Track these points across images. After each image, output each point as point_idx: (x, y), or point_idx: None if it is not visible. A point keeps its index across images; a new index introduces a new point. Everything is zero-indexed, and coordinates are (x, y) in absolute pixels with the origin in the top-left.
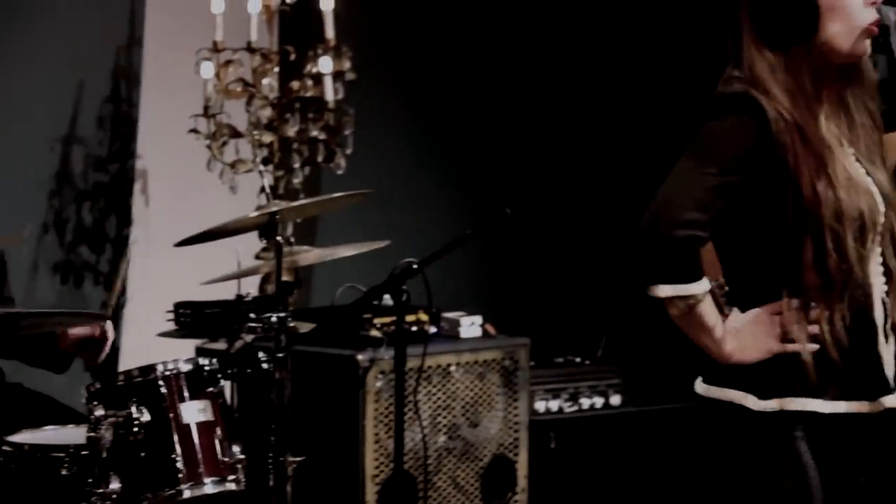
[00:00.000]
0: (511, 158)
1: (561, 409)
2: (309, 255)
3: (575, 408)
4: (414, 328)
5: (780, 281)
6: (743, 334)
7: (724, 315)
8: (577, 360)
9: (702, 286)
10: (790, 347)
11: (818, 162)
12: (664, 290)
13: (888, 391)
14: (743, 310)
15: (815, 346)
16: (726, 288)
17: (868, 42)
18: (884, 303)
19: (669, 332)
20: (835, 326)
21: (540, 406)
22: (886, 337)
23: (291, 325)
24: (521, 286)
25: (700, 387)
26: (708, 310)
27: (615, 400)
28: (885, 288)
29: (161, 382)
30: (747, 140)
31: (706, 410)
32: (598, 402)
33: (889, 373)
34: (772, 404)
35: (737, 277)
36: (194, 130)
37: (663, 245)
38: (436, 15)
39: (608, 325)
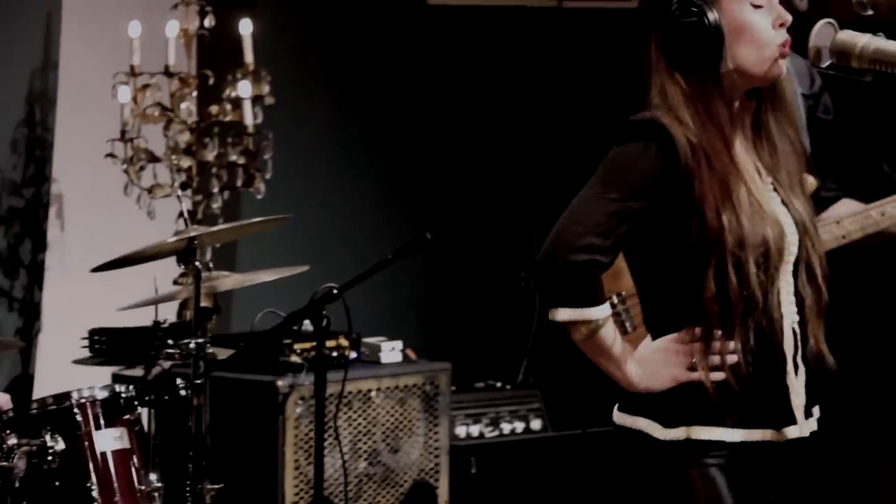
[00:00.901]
0: (431, 183)
1: (482, 434)
2: (228, 281)
3: (496, 433)
4: (334, 354)
5: (685, 305)
6: (650, 362)
7: (624, 332)
8: (498, 384)
9: (602, 311)
10: (695, 376)
11: (723, 188)
12: (563, 314)
13: (792, 421)
14: (655, 333)
15: (720, 375)
16: (627, 304)
17: (783, 64)
18: (794, 332)
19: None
20: (737, 354)
21: (461, 431)
22: (797, 367)
23: (210, 351)
24: (441, 311)
25: (616, 415)
26: (609, 335)
27: (536, 425)
28: (797, 318)
29: (76, 410)
30: (652, 166)
31: (620, 438)
32: (519, 426)
33: (798, 402)
34: (678, 433)
35: (648, 300)
36: (111, 155)
37: (562, 269)
38: (355, 39)
39: (528, 350)
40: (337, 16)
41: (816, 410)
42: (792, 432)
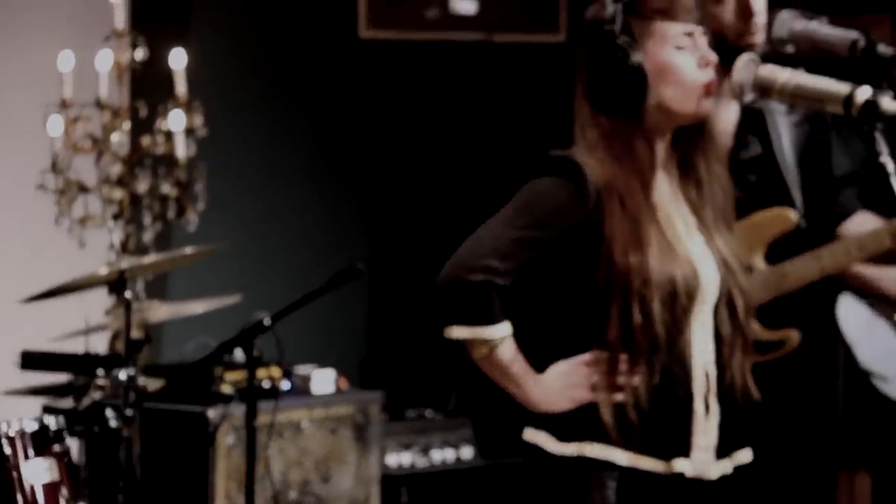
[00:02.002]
0: (363, 213)
1: (413, 464)
2: (159, 311)
3: (427, 462)
4: (265, 383)
5: (588, 338)
6: (551, 383)
7: None
8: (429, 413)
9: (498, 330)
10: (595, 398)
11: (633, 228)
12: (458, 332)
13: (683, 454)
14: (548, 363)
15: (620, 398)
16: None
17: (709, 102)
18: (706, 373)
19: None
20: (636, 385)
21: (392, 460)
22: (707, 406)
23: (141, 381)
24: (373, 340)
25: (524, 431)
26: (507, 354)
27: (467, 453)
28: (712, 358)
29: (4, 441)
30: (562, 201)
31: (523, 453)
32: (450, 455)
33: (705, 442)
34: (570, 448)
35: (547, 333)
36: (42, 186)
37: (457, 288)
38: (288, 71)
39: (459, 378)
40: (270, 47)
41: (745, 454)
42: (680, 465)
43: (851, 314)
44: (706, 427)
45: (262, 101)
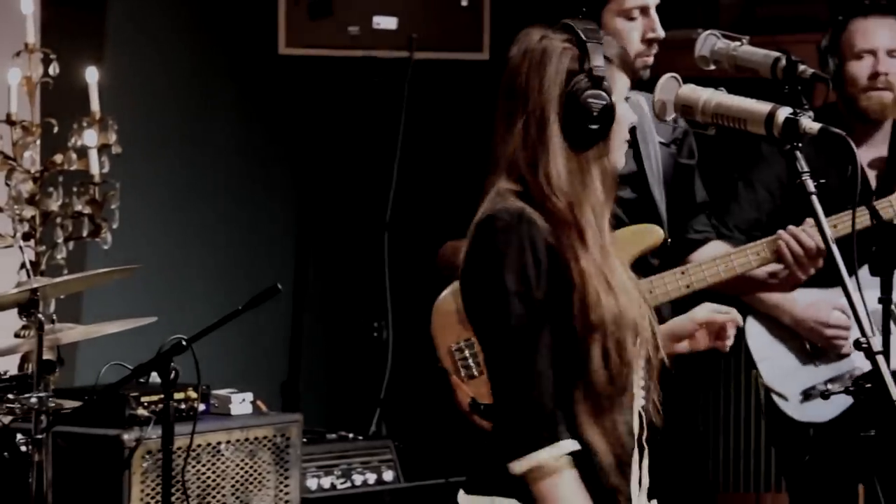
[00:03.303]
0: (282, 234)
1: (333, 486)
2: (72, 333)
3: (347, 484)
4: (182, 406)
5: (572, 384)
6: None
7: (471, 376)
8: (350, 435)
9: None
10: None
11: (596, 266)
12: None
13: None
14: None
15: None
16: (475, 349)
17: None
18: (640, 413)
19: (441, 406)
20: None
21: (312, 483)
22: (641, 450)
23: (52, 405)
24: (292, 362)
25: (464, 499)
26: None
27: (388, 476)
28: (644, 395)
29: None
30: (528, 263)
31: None
32: (371, 478)
33: (636, 485)
34: None
35: None
36: None
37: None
38: (205, 87)
39: (381, 400)
40: (187, 63)
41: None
42: None
43: (757, 334)
44: (639, 471)
45: (178, 117)
